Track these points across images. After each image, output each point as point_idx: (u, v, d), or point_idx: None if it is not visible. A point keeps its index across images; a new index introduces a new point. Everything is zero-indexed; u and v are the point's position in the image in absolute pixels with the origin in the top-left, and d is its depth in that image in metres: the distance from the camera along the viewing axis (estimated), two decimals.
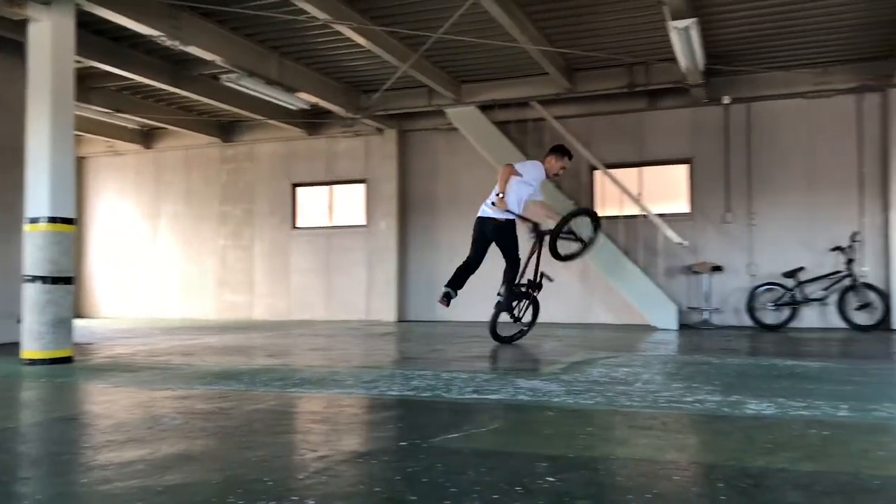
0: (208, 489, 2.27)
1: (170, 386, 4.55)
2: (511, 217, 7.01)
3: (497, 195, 6.87)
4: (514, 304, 7.30)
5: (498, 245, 7.10)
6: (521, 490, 2.23)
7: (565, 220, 7.17)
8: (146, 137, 13.27)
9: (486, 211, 7.05)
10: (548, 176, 7.27)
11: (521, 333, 7.50)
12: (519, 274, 7.15)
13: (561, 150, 7.28)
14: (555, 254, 7.13)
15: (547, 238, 7.12)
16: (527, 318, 7.53)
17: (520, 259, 7.14)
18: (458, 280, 7.08)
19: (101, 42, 8.41)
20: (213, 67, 9.03)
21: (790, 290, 9.52)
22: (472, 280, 7.18)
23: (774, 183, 10.00)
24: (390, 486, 2.30)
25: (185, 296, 13.26)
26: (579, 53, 8.87)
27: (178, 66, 9.52)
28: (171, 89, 9.73)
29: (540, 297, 7.55)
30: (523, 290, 7.31)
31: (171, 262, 13.39)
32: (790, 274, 9.54)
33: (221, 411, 3.64)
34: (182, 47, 7.74)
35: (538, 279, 7.36)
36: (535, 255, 7.26)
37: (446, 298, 6.99)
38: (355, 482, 2.35)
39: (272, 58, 9.15)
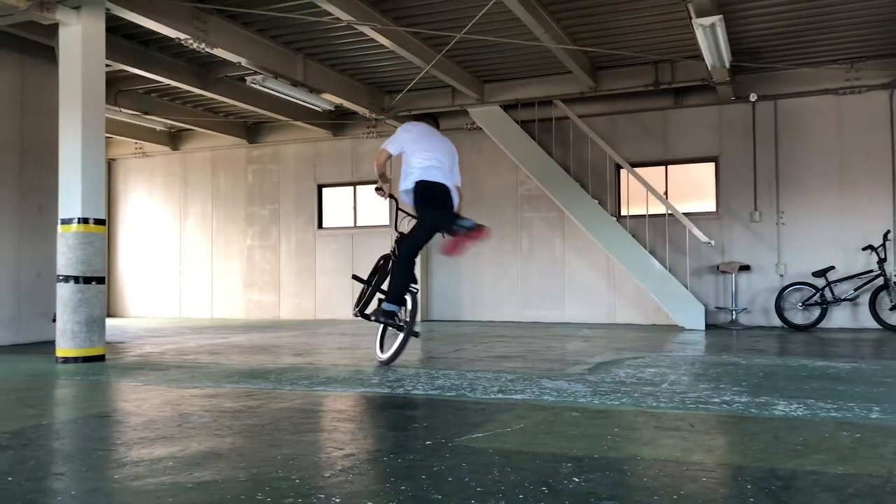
0: (236, 486, 2.29)
1: (198, 384, 4.61)
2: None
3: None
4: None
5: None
6: (546, 490, 2.23)
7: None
8: (173, 139, 13.44)
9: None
10: None
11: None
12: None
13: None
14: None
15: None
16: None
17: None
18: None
19: (129, 46, 8.54)
20: (239, 69, 9.12)
21: (820, 289, 9.38)
22: (501, 281, 7.16)
23: (803, 181, 9.86)
24: (416, 484, 2.31)
25: (213, 295, 13.41)
26: (603, 52, 8.83)
27: (204, 69, 9.63)
28: (198, 91, 9.85)
29: (569, 295, 7.24)
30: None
31: (199, 262, 13.55)
32: (820, 273, 9.40)
33: (248, 410, 3.68)
34: (208, 50, 7.83)
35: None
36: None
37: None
38: (381, 480, 2.37)
39: (297, 59, 9.22)
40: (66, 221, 6.03)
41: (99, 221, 6.12)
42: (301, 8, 7.54)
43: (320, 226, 12.76)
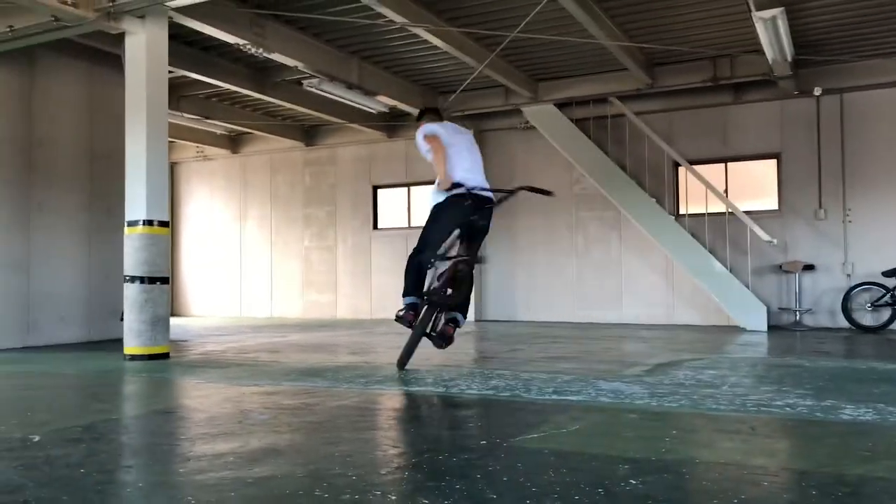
0: (295, 482, 2.34)
1: (258, 382, 4.71)
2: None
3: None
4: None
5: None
6: (602, 492, 2.21)
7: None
8: (233, 142, 13.77)
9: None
10: None
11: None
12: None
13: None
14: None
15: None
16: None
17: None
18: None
19: (191, 52, 8.78)
20: (296, 73, 9.29)
21: (891, 290, 9.02)
22: (555, 281, 7.13)
23: (872, 177, 9.50)
24: (470, 483, 2.32)
25: (272, 295, 13.68)
26: (659, 48, 8.68)
27: (262, 73, 9.83)
28: (256, 95, 10.07)
29: (626, 295, 7.20)
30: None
31: (258, 262, 13.84)
32: (891, 273, 9.04)
33: (307, 407, 3.74)
34: (266, 55, 8.00)
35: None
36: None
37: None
38: (436, 479, 2.38)
39: (352, 62, 9.33)
40: (132, 223, 6.23)
41: (162, 223, 6.31)
42: (356, 11, 7.63)
43: (375, 227, 12.89)
